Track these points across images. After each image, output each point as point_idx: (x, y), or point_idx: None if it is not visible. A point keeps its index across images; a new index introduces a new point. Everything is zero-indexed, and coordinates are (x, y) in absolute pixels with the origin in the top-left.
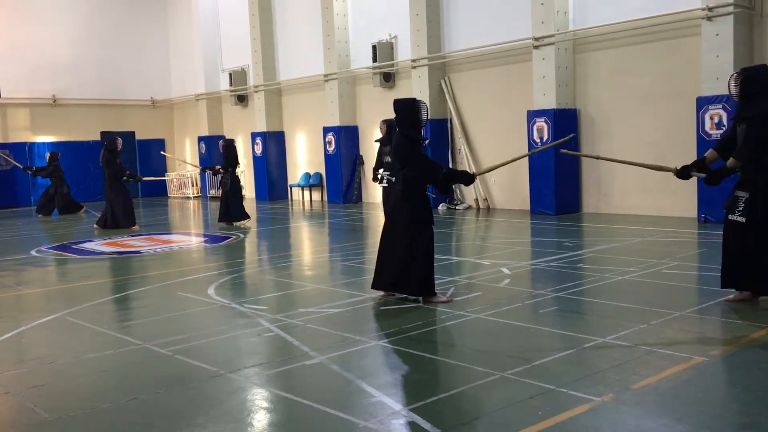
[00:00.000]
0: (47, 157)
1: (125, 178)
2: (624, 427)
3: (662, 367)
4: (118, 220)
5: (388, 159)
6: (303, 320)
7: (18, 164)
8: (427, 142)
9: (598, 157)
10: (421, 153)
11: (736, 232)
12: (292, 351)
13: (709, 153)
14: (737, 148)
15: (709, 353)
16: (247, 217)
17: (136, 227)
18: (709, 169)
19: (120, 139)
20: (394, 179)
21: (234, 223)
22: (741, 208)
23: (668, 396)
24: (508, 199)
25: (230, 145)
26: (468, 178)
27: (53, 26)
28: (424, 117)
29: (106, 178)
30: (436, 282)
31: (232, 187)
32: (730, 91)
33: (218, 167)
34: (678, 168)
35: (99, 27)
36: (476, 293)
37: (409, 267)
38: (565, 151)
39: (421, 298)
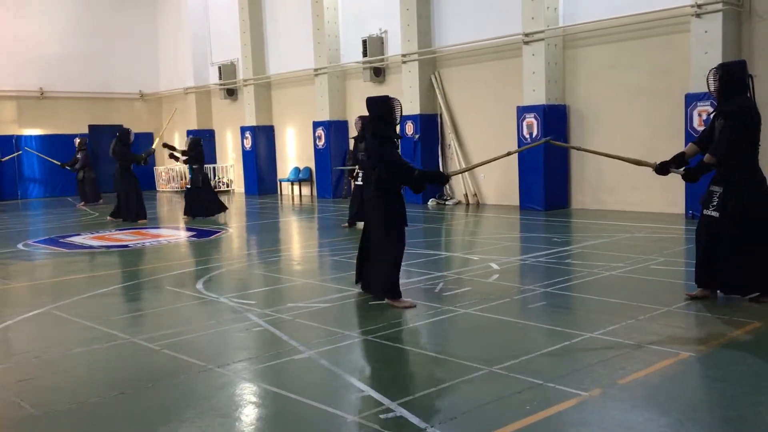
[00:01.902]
0: (76, 143)
1: (143, 162)
2: (611, 421)
3: (649, 362)
4: (133, 213)
5: (362, 156)
6: (292, 315)
7: (55, 161)
8: (417, 137)
9: (579, 149)
10: (394, 153)
11: (708, 227)
12: (281, 346)
13: (689, 148)
14: (713, 143)
15: (696, 348)
16: (223, 209)
17: (144, 221)
18: (687, 165)
19: (132, 132)
20: (361, 177)
21: (205, 217)
22: (715, 203)
23: (655, 390)
24: (498, 194)
25: (199, 142)
26: (441, 179)
27: (41, 19)
28: (398, 115)
29: (116, 170)
30: (423, 277)
31: (204, 184)
32: (708, 87)
33: (177, 154)
34: (657, 164)
35: (87, 20)
36: (465, 288)
37: (376, 267)
38: (546, 139)
39: (386, 299)
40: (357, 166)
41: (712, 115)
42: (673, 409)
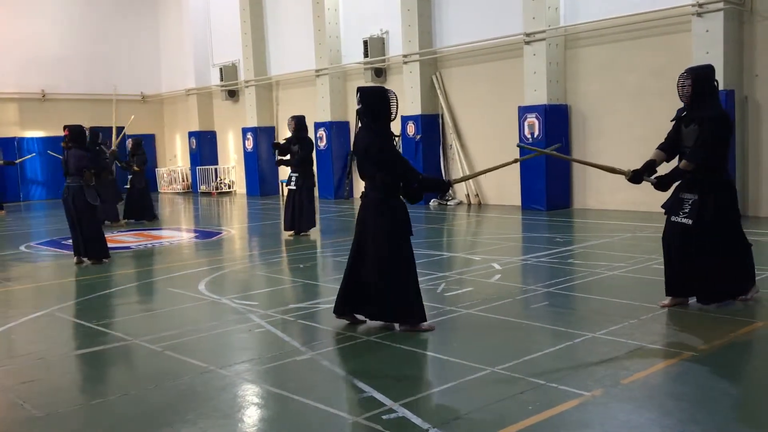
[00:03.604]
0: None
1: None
2: (614, 422)
3: (652, 362)
4: (108, 215)
5: (297, 159)
6: (294, 316)
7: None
8: (419, 137)
9: (553, 154)
10: (398, 153)
11: (679, 234)
12: (283, 347)
13: (656, 154)
14: (691, 150)
15: (698, 348)
16: (156, 217)
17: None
18: (656, 172)
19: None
20: (296, 181)
21: (145, 221)
22: (687, 210)
23: (657, 391)
24: (499, 194)
25: (140, 143)
26: (443, 186)
27: (42, 20)
28: (394, 110)
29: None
30: (425, 278)
31: (147, 185)
32: (679, 92)
33: (132, 165)
34: (630, 172)
35: (88, 21)
36: (467, 289)
37: (385, 287)
38: (521, 144)
39: (397, 325)
40: (290, 169)
41: (676, 120)
42: (676, 409)
